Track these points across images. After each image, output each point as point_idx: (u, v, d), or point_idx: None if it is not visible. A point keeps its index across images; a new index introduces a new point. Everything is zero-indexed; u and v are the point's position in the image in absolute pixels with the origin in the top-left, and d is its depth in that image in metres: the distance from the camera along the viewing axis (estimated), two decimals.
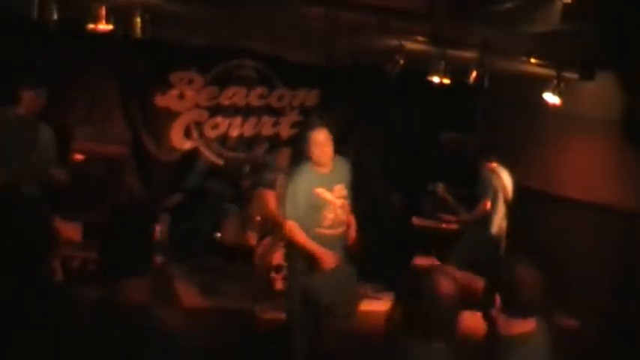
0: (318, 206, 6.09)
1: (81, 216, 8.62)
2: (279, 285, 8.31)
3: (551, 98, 8.09)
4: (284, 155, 9.53)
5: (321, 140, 6.06)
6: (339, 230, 6.25)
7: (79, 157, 8.46)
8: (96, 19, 6.70)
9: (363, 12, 7.49)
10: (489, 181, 8.53)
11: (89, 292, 2.61)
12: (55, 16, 6.47)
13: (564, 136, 8.92)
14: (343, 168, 6.48)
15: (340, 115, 10.71)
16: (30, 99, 6.63)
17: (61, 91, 8.85)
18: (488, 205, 8.49)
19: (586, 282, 8.22)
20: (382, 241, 9.66)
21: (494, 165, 8.53)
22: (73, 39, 8.33)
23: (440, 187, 9.14)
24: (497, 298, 3.27)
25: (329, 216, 6.13)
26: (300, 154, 10.09)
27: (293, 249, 6.28)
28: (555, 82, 7.97)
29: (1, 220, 6.22)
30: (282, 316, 7.87)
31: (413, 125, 10.41)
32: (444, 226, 9.34)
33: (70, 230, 8.47)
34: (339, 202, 6.19)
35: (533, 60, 7.92)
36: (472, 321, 3.42)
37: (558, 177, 9.06)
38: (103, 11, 6.69)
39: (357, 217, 6.85)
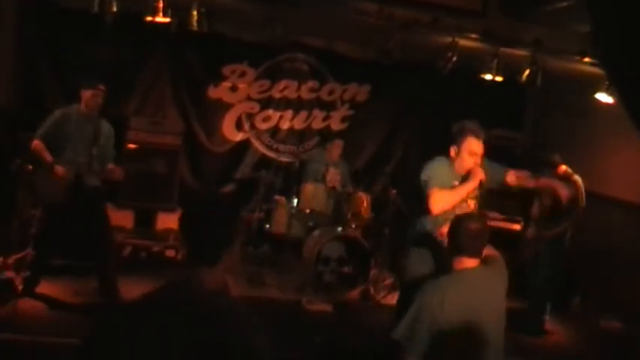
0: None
1: (133, 204, 8.86)
2: (327, 277, 8.41)
3: (604, 98, 8.04)
4: (336, 148, 9.61)
5: (476, 151, 5.75)
6: None
7: (132, 146, 8.63)
8: (154, 12, 6.83)
9: (417, 8, 7.51)
10: None
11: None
12: (114, 9, 6.62)
13: (614, 136, 8.85)
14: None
15: (390, 111, 10.76)
16: (90, 97, 6.85)
17: (117, 82, 9.04)
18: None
19: (633, 284, 8.17)
20: None
21: (564, 169, 7.81)
22: (130, 31, 8.51)
23: None
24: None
25: None
26: (352, 146, 10.23)
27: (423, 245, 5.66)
28: (608, 81, 7.91)
29: (67, 208, 6.47)
30: (328, 307, 8.00)
31: (462, 121, 10.40)
32: (513, 226, 9.42)
33: (122, 218, 8.69)
34: (471, 203, 5.78)
35: (586, 59, 7.86)
36: None
37: (607, 177, 9.00)
38: (161, 4, 6.83)
39: (404, 212, 6.92)
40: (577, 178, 7.69)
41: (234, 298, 2.89)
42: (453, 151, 5.77)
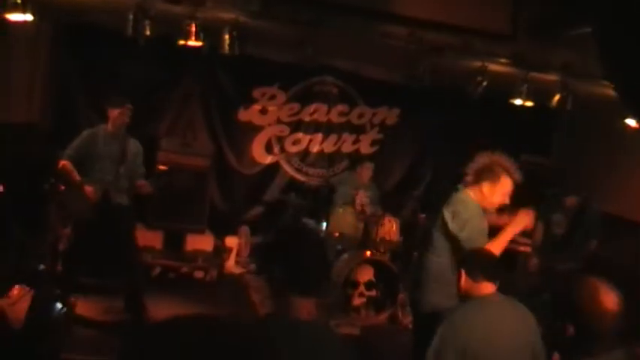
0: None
1: (163, 225, 8.90)
2: (355, 301, 8.39)
3: (633, 122, 7.99)
4: (366, 170, 9.61)
5: (508, 190, 5.66)
6: None
7: (163, 167, 8.70)
8: (186, 36, 6.92)
9: (446, 32, 7.53)
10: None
11: None
12: (148, 32, 6.71)
13: None
14: None
15: (419, 135, 10.77)
16: (117, 117, 6.98)
17: (149, 103, 9.18)
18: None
19: None
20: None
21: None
22: (163, 53, 8.61)
23: None
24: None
25: None
26: (382, 170, 10.23)
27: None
28: None
29: (95, 226, 6.54)
30: (355, 331, 7.97)
31: (491, 146, 10.35)
32: (520, 248, 9.24)
33: (152, 238, 8.74)
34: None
35: None
36: None
37: (637, 202, 8.91)
38: (194, 28, 6.91)
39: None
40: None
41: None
42: (485, 188, 5.57)
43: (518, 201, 9.18)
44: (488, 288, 4.25)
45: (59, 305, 5.74)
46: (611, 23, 2.55)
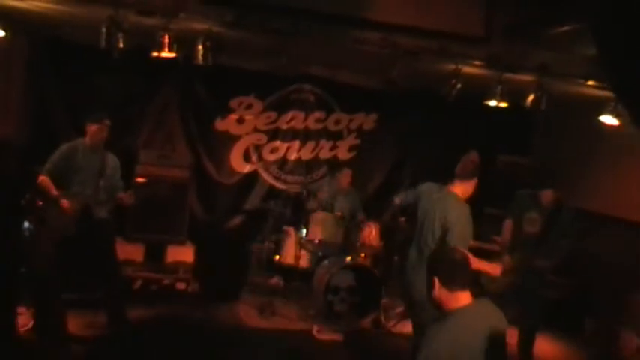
0: None
1: (143, 238, 8.89)
2: (337, 307, 8.40)
3: (609, 120, 8.05)
4: (345, 177, 9.66)
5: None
6: None
7: (141, 180, 8.68)
8: (160, 47, 6.91)
9: (420, 36, 7.54)
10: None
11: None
12: (122, 45, 6.70)
13: (621, 157, 8.86)
14: None
15: (397, 139, 10.80)
16: (95, 132, 7.01)
17: (126, 116, 9.18)
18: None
19: None
20: None
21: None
22: (138, 66, 8.60)
23: None
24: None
25: None
26: (361, 175, 10.25)
27: None
28: (613, 104, 7.92)
29: (75, 240, 6.56)
30: (339, 337, 7.99)
31: (469, 148, 10.39)
32: (486, 246, 9.25)
33: (132, 251, 8.72)
34: None
35: (590, 82, 7.88)
36: None
37: (616, 199, 8.99)
38: (167, 39, 6.89)
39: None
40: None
41: None
42: (470, 187, 5.90)
43: (495, 201, 9.28)
44: (465, 298, 4.02)
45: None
46: (611, 22, 2.58)
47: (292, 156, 10.45)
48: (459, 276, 4.04)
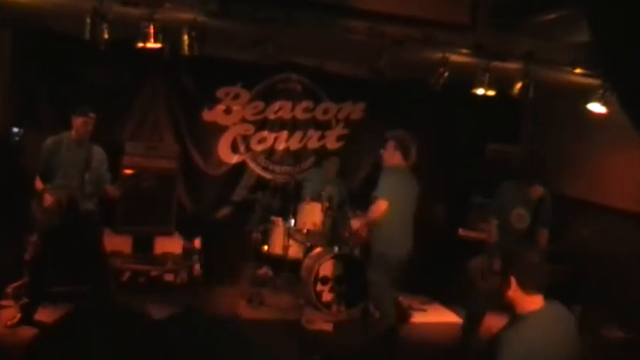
0: None
1: (131, 229, 8.87)
2: (325, 297, 8.40)
3: (597, 108, 8.04)
4: (332, 165, 9.66)
5: None
6: None
7: (128, 171, 8.65)
8: (145, 38, 6.86)
9: (407, 25, 7.53)
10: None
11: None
12: (106, 36, 6.65)
13: (609, 145, 8.87)
14: None
15: (385, 128, 10.73)
16: (80, 125, 7.00)
17: (112, 107, 9.12)
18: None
19: (632, 292, 8.15)
20: (428, 253, 9.66)
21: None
22: (124, 57, 8.55)
23: None
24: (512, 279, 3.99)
25: None
26: (349, 165, 10.24)
27: None
28: (601, 91, 7.91)
29: (62, 233, 6.54)
30: (328, 326, 7.99)
31: (457, 137, 10.40)
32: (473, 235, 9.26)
33: (120, 243, 8.70)
34: None
35: (578, 70, 7.87)
36: None
37: (604, 186, 9.01)
38: (152, 30, 6.85)
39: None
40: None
41: None
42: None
43: (483, 189, 9.29)
44: (539, 302, 4.01)
45: None
46: (608, 9, 2.55)
47: (280, 146, 10.41)
48: (537, 278, 4.02)
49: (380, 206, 7.10)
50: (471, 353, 7.14)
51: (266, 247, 9.23)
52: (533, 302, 3.98)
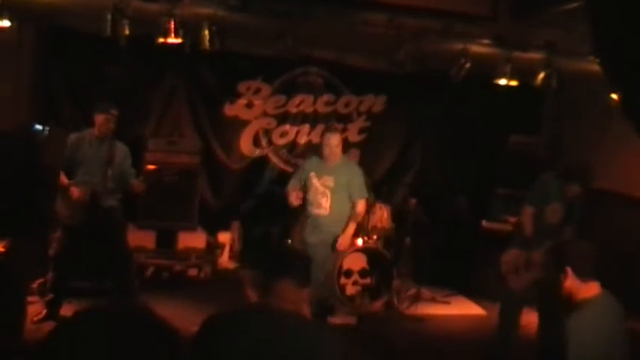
0: None
1: (154, 225, 8.91)
2: (349, 290, 8.39)
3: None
4: (352, 157, 9.64)
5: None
6: None
7: (151, 167, 8.68)
8: (165, 33, 6.89)
9: (427, 17, 7.50)
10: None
11: None
12: (127, 32, 6.69)
13: (633, 135, 8.76)
14: None
15: (407, 120, 10.74)
16: (102, 122, 7.01)
17: (133, 104, 9.15)
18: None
19: None
20: (450, 245, 9.64)
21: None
22: (144, 53, 8.58)
23: None
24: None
25: None
26: (370, 158, 10.22)
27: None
28: None
29: (85, 228, 6.59)
30: (352, 320, 7.98)
31: (479, 128, 10.34)
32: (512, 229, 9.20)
33: (144, 238, 8.74)
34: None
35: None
36: None
37: (628, 176, 8.92)
38: (172, 25, 6.88)
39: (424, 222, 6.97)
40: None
41: None
42: None
43: (506, 181, 9.24)
44: (596, 287, 4.06)
45: None
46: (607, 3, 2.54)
47: (302, 139, 10.41)
48: (591, 265, 4.08)
49: None
50: (511, 351, 7.03)
51: (289, 241, 9.23)
52: (590, 288, 4.03)
